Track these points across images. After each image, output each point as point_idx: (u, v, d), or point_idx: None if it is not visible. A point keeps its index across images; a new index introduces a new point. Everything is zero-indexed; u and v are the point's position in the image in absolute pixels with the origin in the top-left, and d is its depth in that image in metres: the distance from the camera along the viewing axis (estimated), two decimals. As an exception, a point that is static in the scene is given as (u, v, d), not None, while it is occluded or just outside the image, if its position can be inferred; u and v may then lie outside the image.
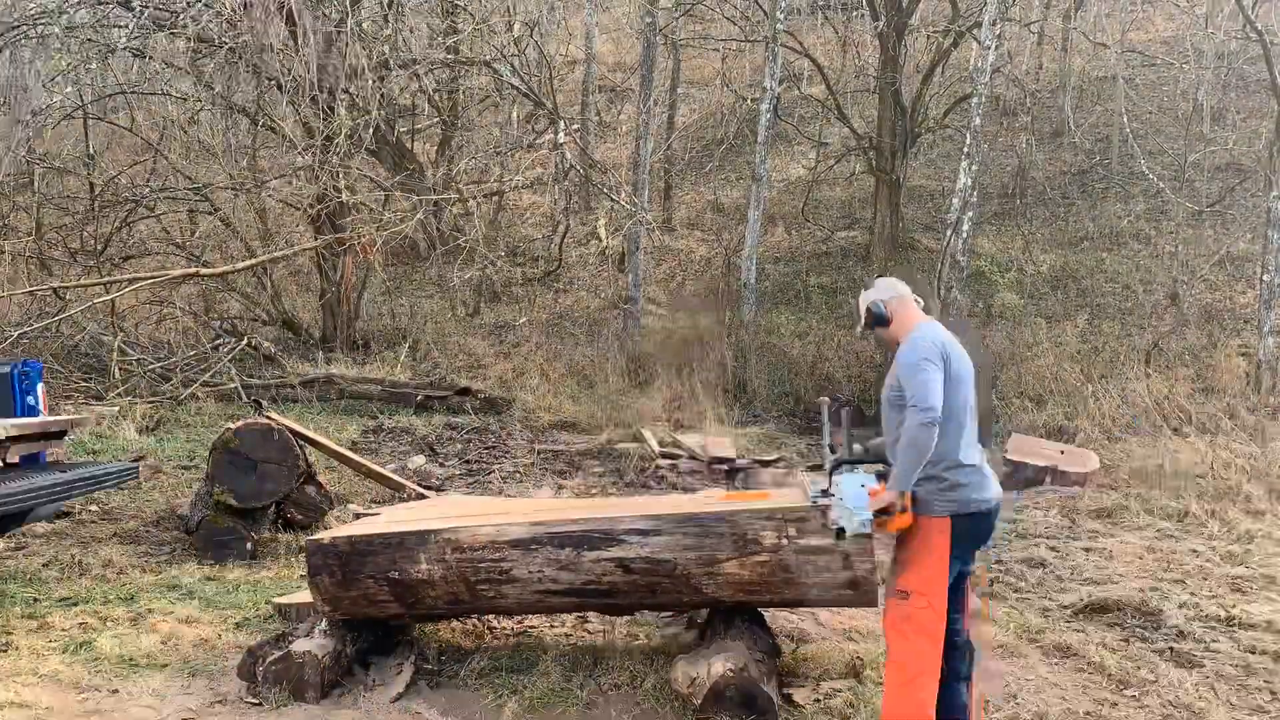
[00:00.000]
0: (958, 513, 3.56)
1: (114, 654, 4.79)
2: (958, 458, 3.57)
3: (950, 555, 3.56)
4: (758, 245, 14.19)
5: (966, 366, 3.66)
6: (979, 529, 3.63)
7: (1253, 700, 4.23)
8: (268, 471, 6.73)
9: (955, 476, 3.57)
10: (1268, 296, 10.85)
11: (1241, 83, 18.68)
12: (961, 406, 3.60)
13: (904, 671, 3.57)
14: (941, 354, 3.56)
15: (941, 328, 3.75)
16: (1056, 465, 8.23)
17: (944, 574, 3.56)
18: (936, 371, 3.51)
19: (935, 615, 3.54)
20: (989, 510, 3.63)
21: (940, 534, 3.56)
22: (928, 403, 3.47)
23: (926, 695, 3.52)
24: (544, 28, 15.19)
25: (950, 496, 3.57)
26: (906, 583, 3.60)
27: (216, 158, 13.34)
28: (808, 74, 19.41)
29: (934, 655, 3.54)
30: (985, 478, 3.63)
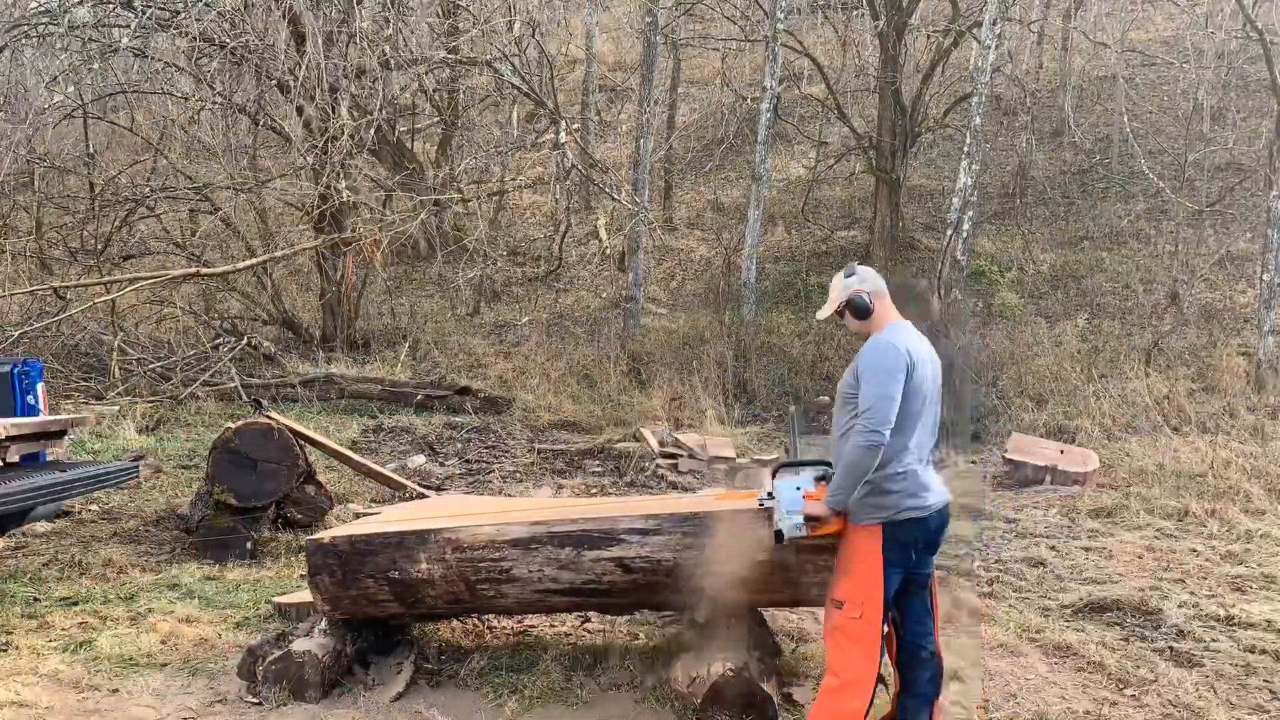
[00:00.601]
0: (889, 520, 3.46)
1: (114, 653, 4.79)
2: (893, 464, 3.46)
3: (885, 563, 3.46)
4: (758, 245, 14.19)
5: (929, 372, 3.56)
6: (915, 535, 3.51)
7: (1253, 700, 4.23)
8: (268, 471, 6.73)
9: (887, 484, 3.46)
10: (1268, 296, 10.85)
11: (1241, 82, 18.68)
12: (914, 413, 3.50)
13: (835, 679, 3.48)
14: (907, 366, 3.45)
15: (911, 329, 3.64)
16: (1056, 465, 8.23)
17: (877, 582, 3.45)
18: (899, 388, 3.42)
19: (867, 624, 3.44)
20: (925, 517, 3.51)
21: (870, 541, 3.47)
22: (879, 423, 3.37)
23: (855, 705, 3.43)
24: (544, 28, 15.19)
25: (881, 503, 3.47)
26: (839, 591, 3.52)
27: (217, 157, 13.34)
28: (808, 73, 19.42)
29: (866, 665, 3.45)
30: (922, 483, 3.51)
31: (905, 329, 3.62)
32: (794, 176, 19.52)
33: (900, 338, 3.53)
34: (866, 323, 3.65)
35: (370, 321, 14.64)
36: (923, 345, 3.61)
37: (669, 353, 12.99)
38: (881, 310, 3.65)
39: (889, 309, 3.67)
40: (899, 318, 3.67)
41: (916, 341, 3.59)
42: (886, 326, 3.61)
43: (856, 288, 3.65)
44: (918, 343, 3.59)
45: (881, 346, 3.50)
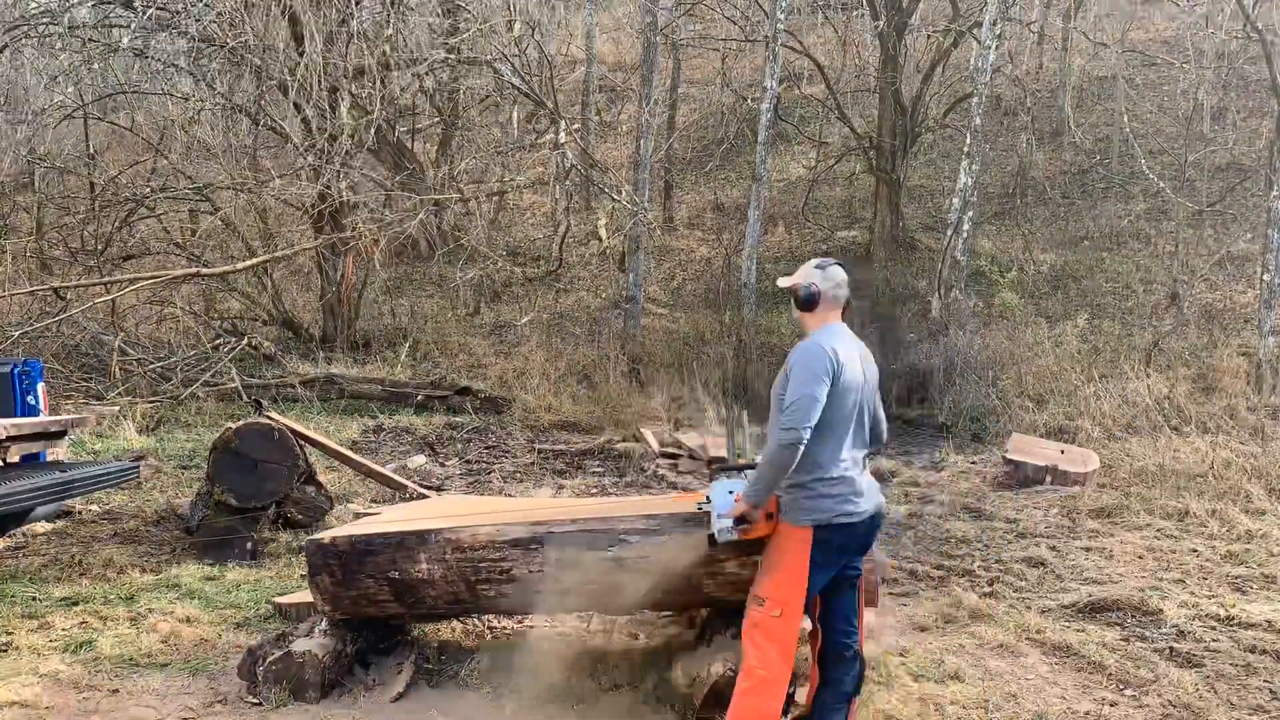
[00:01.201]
0: (820, 523, 3.48)
1: (114, 654, 4.79)
2: (827, 469, 3.48)
3: (812, 566, 3.47)
4: (758, 245, 14.19)
5: (858, 377, 3.56)
6: (846, 540, 3.54)
7: (1253, 700, 4.23)
8: (268, 471, 6.73)
9: (821, 487, 3.48)
10: (1268, 296, 10.85)
11: (1241, 82, 18.68)
12: (844, 418, 3.51)
13: (750, 678, 3.48)
14: (833, 369, 3.46)
15: (846, 335, 3.65)
16: (1056, 465, 8.23)
17: (801, 584, 3.47)
18: (823, 390, 3.43)
19: (786, 624, 3.46)
20: (858, 522, 3.53)
21: (800, 543, 3.48)
22: (798, 421, 3.39)
23: (773, 706, 3.44)
24: (544, 28, 15.20)
25: (814, 506, 3.48)
26: (762, 589, 3.53)
27: (217, 157, 13.35)
28: (808, 74, 19.44)
29: (782, 664, 3.46)
30: (856, 488, 3.53)
31: (839, 334, 3.64)
32: (794, 176, 19.53)
33: (831, 342, 3.55)
34: (805, 315, 3.69)
35: (370, 321, 14.64)
36: (855, 351, 3.62)
37: (669, 353, 12.99)
38: (826, 311, 3.67)
39: (831, 312, 3.68)
40: (839, 323, 3.69)
41: (848, 347, 3.60)
42: (822, 329, 3.64)
43: (816, 281, 3.67)
44: (849, 348, 3.60)
45: (810, 349, 3.53)
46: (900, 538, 6.94)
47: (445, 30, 13.32)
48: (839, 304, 3.69)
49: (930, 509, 7.67)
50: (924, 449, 9.95)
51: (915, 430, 10.89)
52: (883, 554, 6.35)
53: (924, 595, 5.67)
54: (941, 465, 9.14)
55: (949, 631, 5.02)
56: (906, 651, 4.68)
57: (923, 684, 4.32)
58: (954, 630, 5.03)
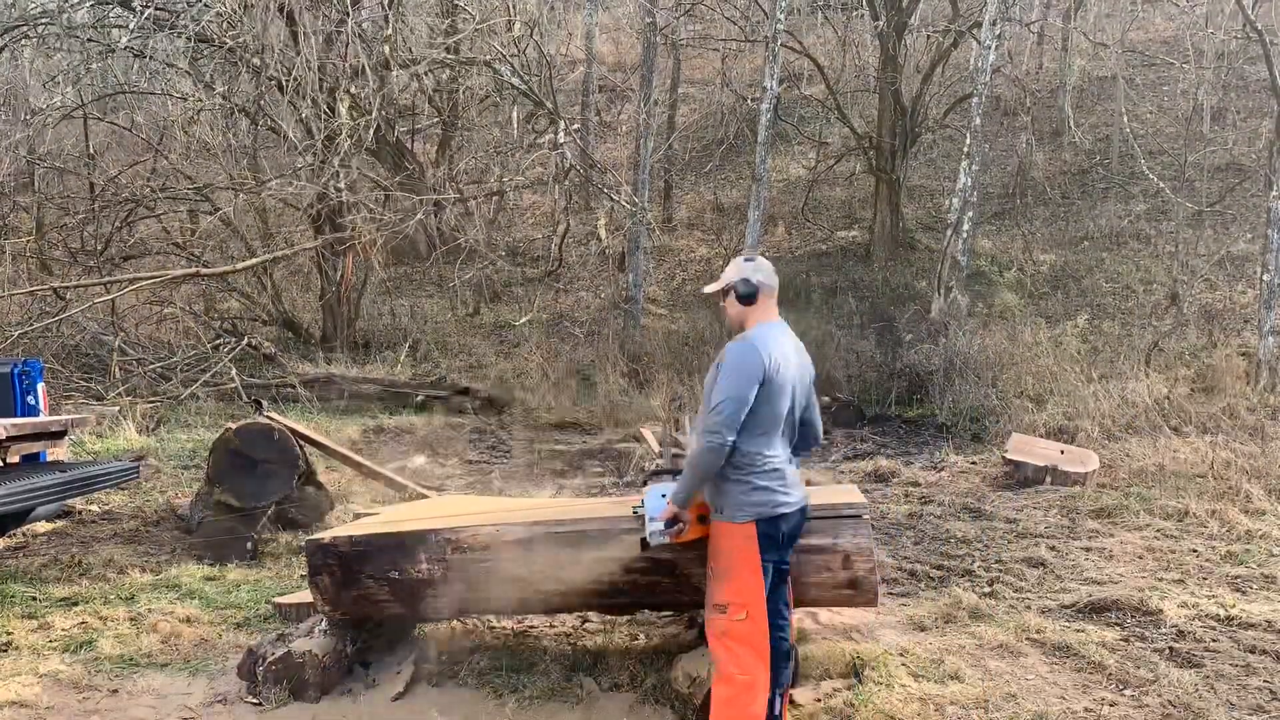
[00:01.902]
0: (762, 517, 3.47)
1: (114, 654, 4.79)
2: (760, 464, 3.49)
3: (764, 560, 3.48)
4: (758, 245, 14.19)
5: (792, 376, 3.56)
6: (784, 531, 3.56)
7: (1253, 700, 4.22)
8: (268, 471, 6.73)
9: (757, 480, 3.48)
10: (1268, 296, 10.84)
11: (1241, 83, 18.69)
12: (777, 415, 3.51)
13: (731, 685, 3.46)
14: (764, 372, 3.44)
15: (782, 331, 3.65)
16: (1056, 465, 8.23)
17: (759, 581, 3.47)
18: (751, 393, 3.41)
19: (754, 625, 3.44)
20: (792, 512, 3.56)
21: (747, 540, 3.47)
22: (724, 427, 3.38)
23: (757, 709, 3.42)
24: (544, 28, 15.20)
25: (754, 500, 3.48)
26: (722, 595, 3.51)
27: (217, 158, 13.35)
28: (808, 74, 19.43)
29: (760, 666, 3.44)
30: (787, 480, 3.55)
31: (776, 331, 3.62)
32: (794, 176, 19.53)
33: (766, 342, 3.53)
34: (744, 311, 3.65)
35: (370, 322, 14.64)
36: (789, 347, 3.62)
37: (669, 353, 12.98)
38: (761, 308, 3.65)
39: (768, 308, 3.67)
40: (775, 318, 3.68)
41: (784, 344, 3.60)
42: (759, 325, 3.62)
43: (750, 275, 3.64)
44: (784, 345, 3.60)
45: (743, 349, 3.50)
46: (900, 538, 6.94)
47: (445, 30, 13.32)
48: (774, 295, 3.69)
49: (930, 509, 7.67)
50: (924, 449, 9.95)
51: (915, 430, 10.89)
52: (883, 554, 6.36)
53: (924, 595, 5.67)
54: (941, 465, 9.14)
55: (949, 631, 5.02)
56: (906, 651, 4.68)
57: (923, 684, 4.32)
58: (954, 630, 5.03)
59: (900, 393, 11.86)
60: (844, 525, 4.16)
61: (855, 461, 9.51)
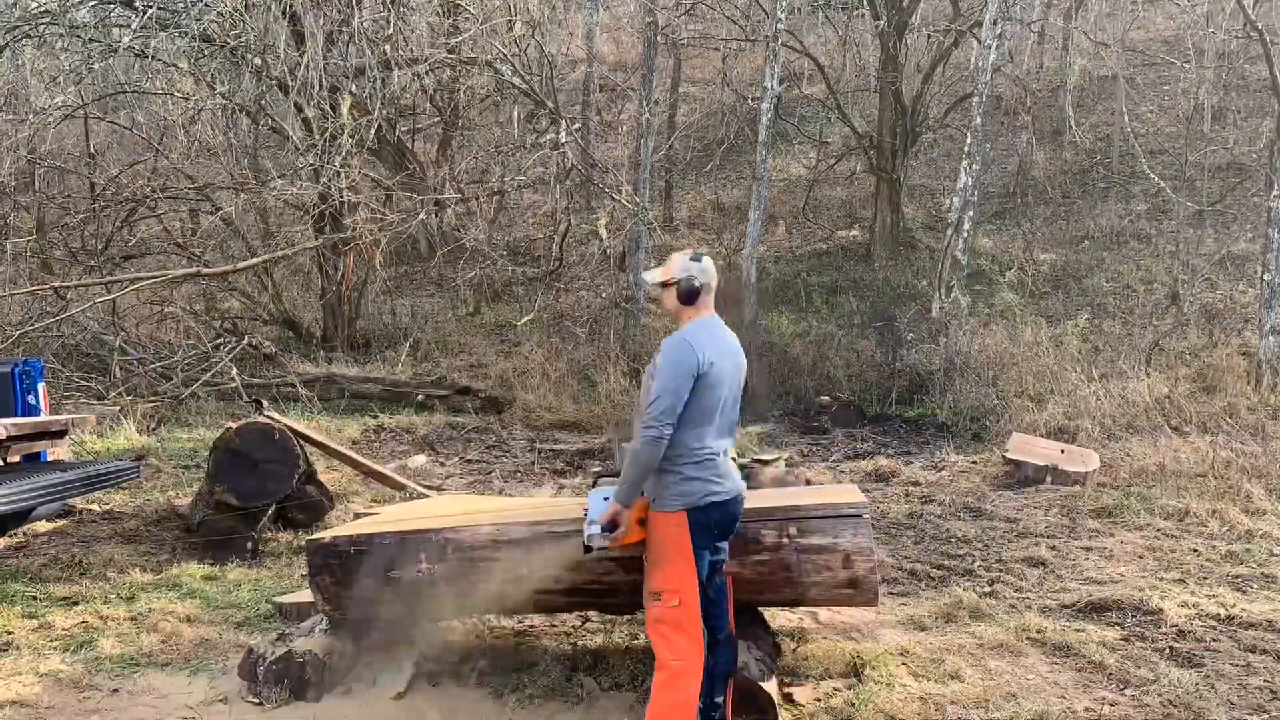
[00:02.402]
0: (693, 506, 3.54)
1: (114, 654, 4.79)
2: (691, 454, 3.54)
3: (695, 549, 3.54)
4: (758, 245, 14.19)
5: (727, 371, 3.63)
6: (717, 520, 3.60)
7: (1253, 700, 4.23)
8: (268, 471, 6.73)
9: (688, 471, 3.54)
10: (1268, 296, 10.84)
11: (1242, 82, 18.68)
12: (710, 409, 3.58)
13: (665, 671, 3.52)
14: (698, 368, 3.51)
15: (717, 326, 3.73)
16: (1056, 464, 8.23)
17: (690, 568, 3.52)
18: (687, 387, 3.49)
19: (687, 612, 3.51)
20: (725, 501, 3.61)
21: (678, 529, 3.53)
22: (660, 422, 3.46)
23: (689, 695, 3.48)
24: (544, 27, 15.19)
25: (687, 489, 3.54)
26: (655, 583, 3.57)
27: (217, 157, 13.35)
28: (808, 73, 19.43)
29: (692, 651, 3.50)
30: (719, 470, 3.60)
31: (711, 328, 3.71)
32: (794, 176, 19.53)
33: (702, 338, 3.61)
34: (683, 309, 3.73)
35: (370, 321, 14.64)
36: (725, 342, 3.70)
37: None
38: (699, 305, 3.73)
39: (706, 304, 3.75)
40: (711, 314, 3.76)
41: (720, 338, 3.68)
42: (695, 320, 3.70)
43: (694, 274, 3.72)
44: (720, 340, 3.68)
45: (679, 345, 3.59)
46: (900, 537, 6.94)
47: (445, 30, 13.31)
48: (711, 295, 3.77)
49: (930, 509, 7.67)
50: (924, 448, 9.95)
51: (915, 430, 10.89)
52: (883, 553, 6.36)
53: (924, 595, 5.67)
54: (942, 465, 9.13)
55: (949, 631, 5.02)
56: (906, 651, 4.68)
57: (923, 684, 4.32)
58: (954, 630, 5.03)
59: (900, 392, 11.86)
60: (844, 525, 4.16)
61: (855, 461, 9.51)
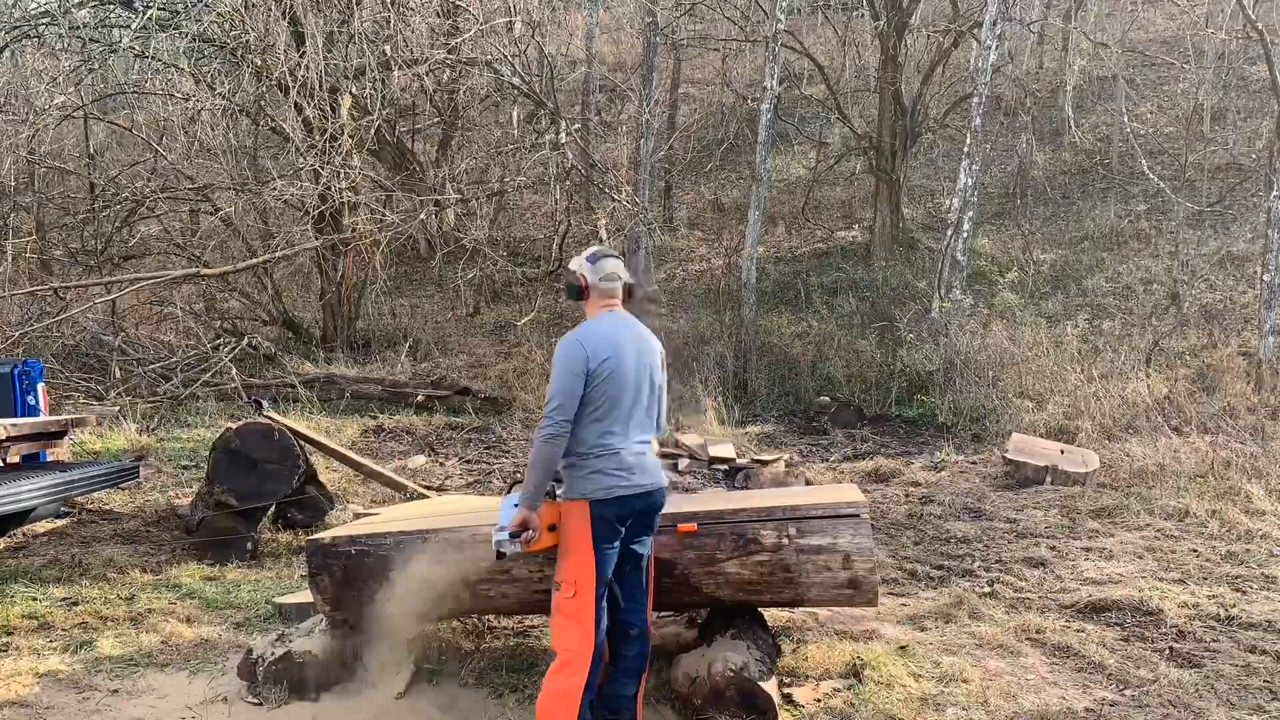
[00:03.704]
0: (597, 497, 3.55)
1: (114, 654, 4.79)
2: (594, 447, 3.57)
3: (597, 543, 3.55)
4: (758, 245, 14.19)
5: (629, 363, 3.64)
6: (622, 514, 3.59)
7: (1253, 700, 4.23)
8: (268, 471, 6.73)
9: (592, 463, 3.57)
10: (1268, 296, 10.84)
11: (1241, 83, 18.69)
12: (613, 402, 3.60)
13: (557, 660, 3.57)
14: (586, 364, 3.55)
15: (617, 321, 3.74)
16: (1056, 464, 8.23)
17: (589, 560, 3.54)
18: (578, 383, 3.53)
19: (580, 603, 3.53)
20: (635, 495, 3.60)
21: (580, 519, 3.55)
22: (555, 421, 3.51)
23: (575, 682, 3.50)
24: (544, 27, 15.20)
25: (586, 483, 3.57)
26: (558, 574, 3.61)
27: (217, 158, 13.35)
28: (808, 74, 19.43)
29: (582, 642, 3.52)
30: (627, 465, 3.60)
31: (608, 321, 3.73)
32: (794, 176, 19.53)
33: (592, 334, 3.65)
34: (579, 305, 3.83)
35: (370, 321, 14.64)
36: (626, 337, 3.70)
37: (669, 353, 12.96)
38: (596, 301, 3.78)
39: (602, 302, 3.78)
40: (612, 310, 3.78)
41: (619, 333, 3.69)
42: (595, 317, 3.75)
43: (582, 272, 3.78)
44: (619, 334, 3.69)
45: (566, 344, 3.64)
46: (900, 538, 6.94)
47: (445, 30, 13.32)
48: (613, 293, 3.80)
49: (930, 509, 7.67)
50: (924, 449, 9.95)
51: (915, 430, 10.89)
52: (883, 554, 6.36)
53: (924, 595, 5.67)
54: (941, 465, 9.14)
55: (949, 631, 5.02)
56: (906, 651, 4.68)
57: (923, 684, 4.32)
58: (954, 630, 5.03)
59: (900, 392, 11.86)
60: (844, 525, 4.16)
61: (855, 461, 9.51)
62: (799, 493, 5.70)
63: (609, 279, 3.79)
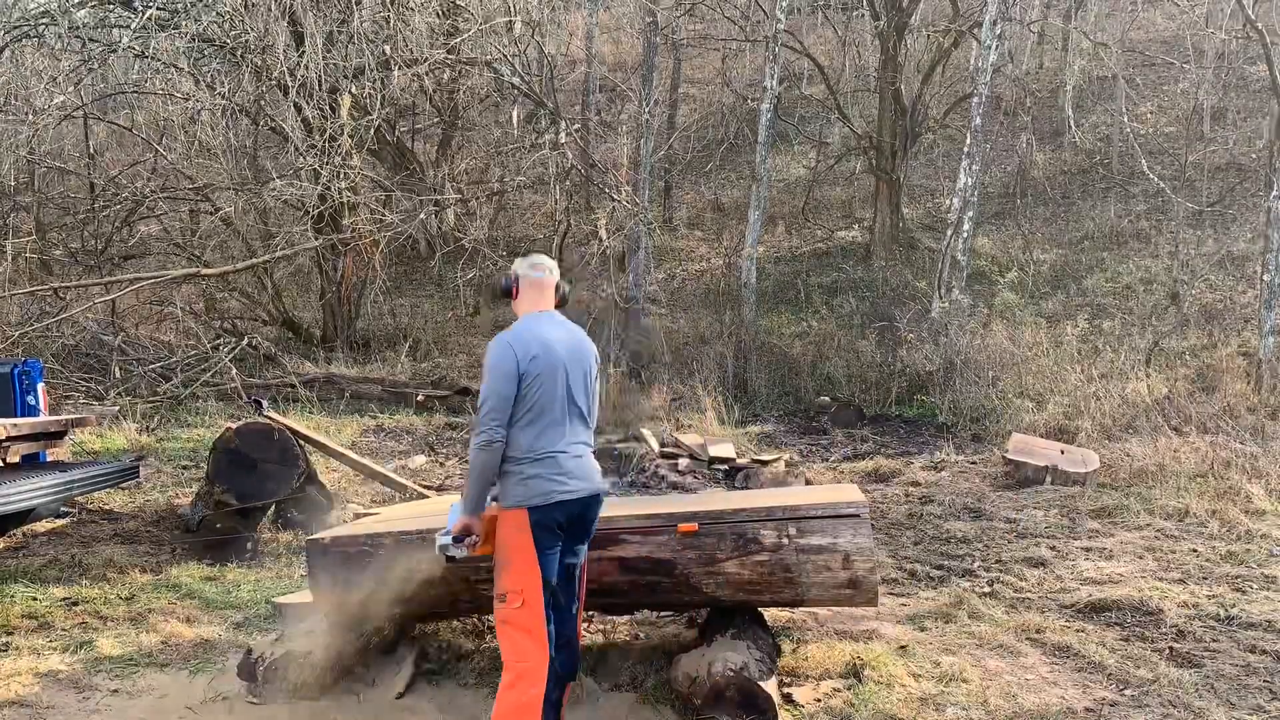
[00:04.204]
0: (535, 504, 3.49)
1: (114, 654, 4.79)
2: (531, 452, 3.51)
3: (538, 549, 3.49)
4: (758, 245, 14.19)
5: (558, 364, 3.58)
6: (561, 519, 3.54)
7: (1253, 700, 4.22)
8: (268, 471, 6.74)
9: (528, 469, 3.51)
10: (1268, 296, 10.84)
11: (1241, 82, 18.69)
12: (547, 403, 3.54)
13: (510, 673, 3.49)
14: (516, 365, 3.50)
15: (548, 321, 3.69)
16: (1056, 465, 8.22)
17: (533, 568, 3.48)
18: (508, 385, 3.48)
19: (530, 612, 3.47)
20: (570, 500, 3.54)
21: (519, 528, 3.50)
22: (490, 425, 3.47)
23: (534, 694, 3.45)
24: (544, 27, 15.20)
25: (523, 489, 3.51)
26: (500, 586, 3.54)
27: (217, 158, 13.36)
28: (808, 74, 19.45)
29: (538, 652, 3.47)
30: (564, 469, 3.54)
31: (538, 322, 3.68)
32: (794, 176, 19.53)
33: (522, 334, 3.61)
34: (510, 306, 3.81)
35: (370, 321, 14.64)
36: (555, 336, 3.65)
37: (669, 352, 12.98)
38: (525, 301, 3.76)
39: (531, 301, 3.75)
40: (541, 310, 3.74)
41: (548, 333, 3.64)
42: (522, 318, 3.72)
43: (514, 270, 3.79)
44: (549, 334, 3.64)
45: (494, 346, 3.60)
46: (900, 537, 6.94)
47: (445, 30, 13.32)
48: (542, 291, 3.76)
49: (930, 509, 7.67)
50: (924, 449, 9.95)
51: (915, 430, 10.89)
52: (883, 553, 6.36)
53: (924, 596, 5.67)
54: (941, 465, 9.14)
55: (949, 631, 5.02)
56: (906, 651, 4.68)
57: (923, 684, 4.32)
58: (954, 630, 5.03)
59: (900, 392, 11.86)
60: (844, 525, 4.16)
61: (855, 461, 9.51)
62: (799, 493, 5.70)
63: (536, 267, 3.77)
